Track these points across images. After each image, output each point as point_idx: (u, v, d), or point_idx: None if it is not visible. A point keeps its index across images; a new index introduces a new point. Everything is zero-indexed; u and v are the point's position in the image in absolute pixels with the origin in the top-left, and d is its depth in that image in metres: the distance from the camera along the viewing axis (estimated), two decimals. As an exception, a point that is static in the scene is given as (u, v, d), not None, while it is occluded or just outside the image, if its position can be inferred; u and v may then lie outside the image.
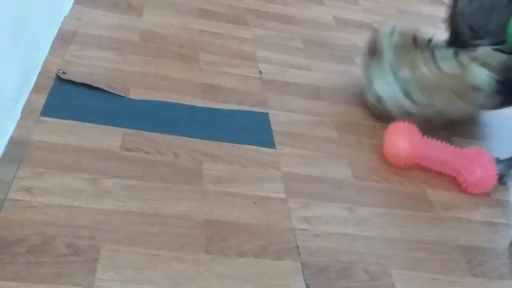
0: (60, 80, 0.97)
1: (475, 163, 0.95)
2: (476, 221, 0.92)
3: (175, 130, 0.94)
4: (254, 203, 0.82)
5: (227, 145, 0.94)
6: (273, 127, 1.02)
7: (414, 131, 0.99)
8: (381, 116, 1.11)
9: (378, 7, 1.75)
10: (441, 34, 1.22)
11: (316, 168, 0.95)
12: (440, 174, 1.00)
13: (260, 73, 1.19)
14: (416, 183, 0.97)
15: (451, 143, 1.09)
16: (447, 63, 1.05)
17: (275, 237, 0.78)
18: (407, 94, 1.07)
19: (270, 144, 0.98)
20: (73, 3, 1.24)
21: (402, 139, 0.98)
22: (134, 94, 1.01)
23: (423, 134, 1.00)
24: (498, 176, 0.97)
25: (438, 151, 0.99)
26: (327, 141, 1.03)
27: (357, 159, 1.00)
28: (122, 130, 0.90)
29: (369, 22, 1.61)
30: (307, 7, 1.61)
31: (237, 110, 1.04)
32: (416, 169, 1.00)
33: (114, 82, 1.02)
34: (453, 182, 0.99)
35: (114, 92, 0.99)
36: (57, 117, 0.89)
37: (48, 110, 0.90)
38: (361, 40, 1.48)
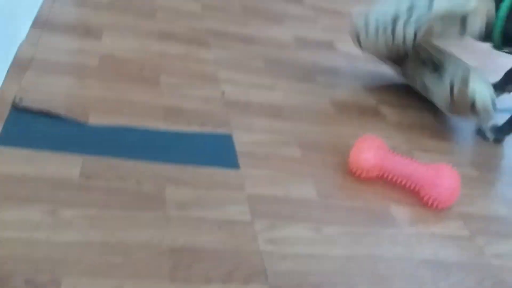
0: (17, 107, 0.95)
1: (438, 177, 0.97)
2: (440, 235, 0.94)
3: (137, 155, 0.92)
4: (220, 227, 0.81)
5: (190, 168, 0.93)
6: (237, 148, 1.02)
7: (381, 144, 1.01)
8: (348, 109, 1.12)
9: (336, 25, 1.78)
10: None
11: (281, 188, 0.95)
12: (404, 188, 1.01)
13: (223, 94, 1.19)
14: (380, 199, 0.98)
15: (416, 157, 1.11)
16: None
17: (242, 261, 0.77)
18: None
19: (235, 165, 0.97)
20: (30, 28, 1.22)
21: (367, 151, 1.00)
22: (94, 119, 0.99)
23: (390, 149, 1.02)
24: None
25: (402, 165, 1.01)
26: (292, 160, 1.04)
27: (321, 178, 1.00)
28: (81, 157, 0.88)
29: (329, 40, 1.64)
30: (267, 27, 1.62)
31: (200, 132, 1.04)
32: (380, 184, 1.02)
33: (73, 108, 1.00)
34: (417, 196, 1.00)
35: (73, 119, 0.97)
36: (14, 146, 0.86)
37: (4, 139, 0.87)
38: (322, 58, 1.50)
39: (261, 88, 1.26)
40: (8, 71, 1.04)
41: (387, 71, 1.53)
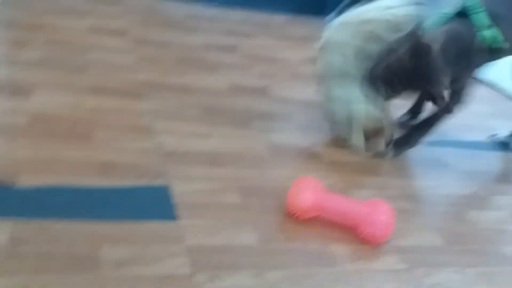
0: None
1: (373, 214, 1.00)
2: (380, 270, 0.96)
3: (70, 215, 0.90)
4: (159, 283, 0.80)
5: (127, 224, 0.91)
6: (175, 199, 1.01)
7: (317, 184, 1.04)
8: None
9: (270, 72, 1.83)
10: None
11: (222, 237, 0.94)
12: (342, 226, 1.03)
13: (159, 145, 1.19)
14: (320, 239, 1.00)
15: (351, 195, 1.14)
16: None
17: (183, 316, 0.75)
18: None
19: (173, 217, 0.96)
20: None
21: (304, 192, 1.02)
22: (25, 180, 0.96)
23: (327, 189, 1.04)
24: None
25: (338, 203, 1.03)
26: (232, 207, 1.04)
27: (262, 222, 1.01)
28: (11, 222, 0.84)
29: (264, 86, 1.68)
30: (203, 76, 1.65)
31: (136, 186, 1.02)
32: (319, 224, 1.03)
33: (1, 170, 0.96)
34: (355, 233, 1.02)
35: (1, 181, 0.93)
36: None
37: None
38: (257, 104, 1.53)
39: (198, 137, 1.27)
40: None
41: (320, 114, 1.58)
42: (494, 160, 1.54)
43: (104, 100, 1.34)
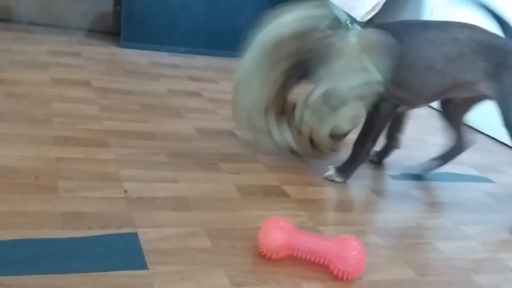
0: None
1: (344, 250, 1.00)
2: (354, 306, 0.95)
3: (33, 269, 0.86)
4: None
5: (93, 275, 0.88)
6: (143, 247, 0.99)
7: (286, 224, 1.03)
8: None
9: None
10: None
11: (192, 283, 0.92)
12: (314, 264, 1.03)
13: (125, 193, 1.17)
14: (292, 279, 0.99)
15: (321, 232, 1.14)
16: None
17: None
18: None
19: (142, 265, 0.94)
20: None
21: (273, 232, 1.01)
22: (-16, 236, 0.92)
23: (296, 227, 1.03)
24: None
25: (309, 241, 1.02)
26: (202, 251, 1.02)
27: (233, 265, 0.99)
28: (-31, 280, 0.81)
29: (229, 129, 1.69)
30: (167, 122, 1.65)
31: (102, 235, 1.00)
32: (291, 263, 1.02)
33: (-41, 227, 0.93)
34: (327, 271, 1.02)
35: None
36: None
37: None
38: (224, 146, 1.54)
39: (165, 182, 1.26)
40: None
41: (287, 153, 1.60)
42: (458, 191, 1.57)
43: (68, 150, 1.32)
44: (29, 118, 1.46)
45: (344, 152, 1.47)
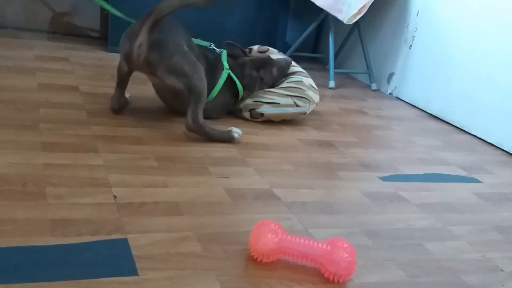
0: None
1: (334, 252, 1.00)
2: (345, 308, 0.95)
3: (22, 277, 0.85)
4: None
5: (83, 282, 0.87)
6: (133, 252, 0.98)
7: (277, 227, 1.03)
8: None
9: (226, 117, 1.85)
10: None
11: (183, 288, 0.92)
12: (305, 267, 1.03)
13: (115, 198, 1.16)
14: (283, 282, 0.99)
15: (312, 235, 1.14)
16: None
17: None
18: None
19: (133, 271, 0.93)
20: None
21: (264, 236, 1.01)
22: (-28, 245, 0.91)
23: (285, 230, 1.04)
24: None
25: (299, 245, 1.02)
26: (192, 256, 1.02)
27: (224, 270, 0.99)
28: (-43, 290, 0.80)
29: (218, 132, 1.69)
30: (156, 126, 1.64)
31: (92, 242, 0.99)
32: (282, 266, 1.02)
33: None
34: (318, 273, 1.02)
35: None
36: None
37: None
38: (214, 150, 1.54)
39: (155, 187, 1.25)
40: None
41: (277, 155, 1.60)
42: (446, 192, 1.59)
43: (56, 156, 1.31)
44: (16, 124, 1.45)
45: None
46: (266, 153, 1.61)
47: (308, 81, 1.96)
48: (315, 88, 1.95)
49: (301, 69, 2.05)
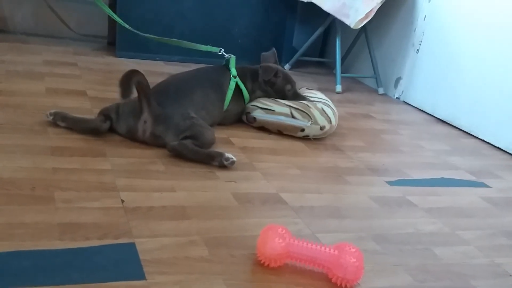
0: None
1: (342, 257, 1.00)
2: (353, 313, 0.95)
3: (31, 281, 0.86)
4: None
5: (91, 286, 0.87)
6: (141, 257, 0.99)
7: (284, 232, 1.03)
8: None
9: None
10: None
11: (191, 292, 0.92)
12: (312, 272, 1.02)
13: (122, 202, 1.17)
14: (290, 287, 0.98)
15: (319, 240, 1.14)
16: None
17: None
18: None
19: (140, 275, 0.93)
20: None
21: (272, 240, 1.01)
22: (-19, 248, 0.91)
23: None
24: None
25: (307, 249, 1.02)
26: (200, 260, 1.02)
27: (231, 274, 0.99)
28: (-34, 293, 0.80)
29: (225, 137, 1.69)
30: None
31: (100, 246, 0.99)
32: (289, 271, 1.02)
33: (-45, 239, 0.92)
34: (325, 278, 1.02)
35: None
36: None
37: None
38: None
39: (162, 191, 1.26)
40: None
41: (284, 159, 1.60)
42: (454, 196, 1.58)
43: (64, 161, 1.31)
44: (25, 128, 1.46)
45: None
46: (273, 157, 1.61)
47: (323, 107, 1.84)
48: (327, 115, 1.81)
49: (326, 98, 1.97)
